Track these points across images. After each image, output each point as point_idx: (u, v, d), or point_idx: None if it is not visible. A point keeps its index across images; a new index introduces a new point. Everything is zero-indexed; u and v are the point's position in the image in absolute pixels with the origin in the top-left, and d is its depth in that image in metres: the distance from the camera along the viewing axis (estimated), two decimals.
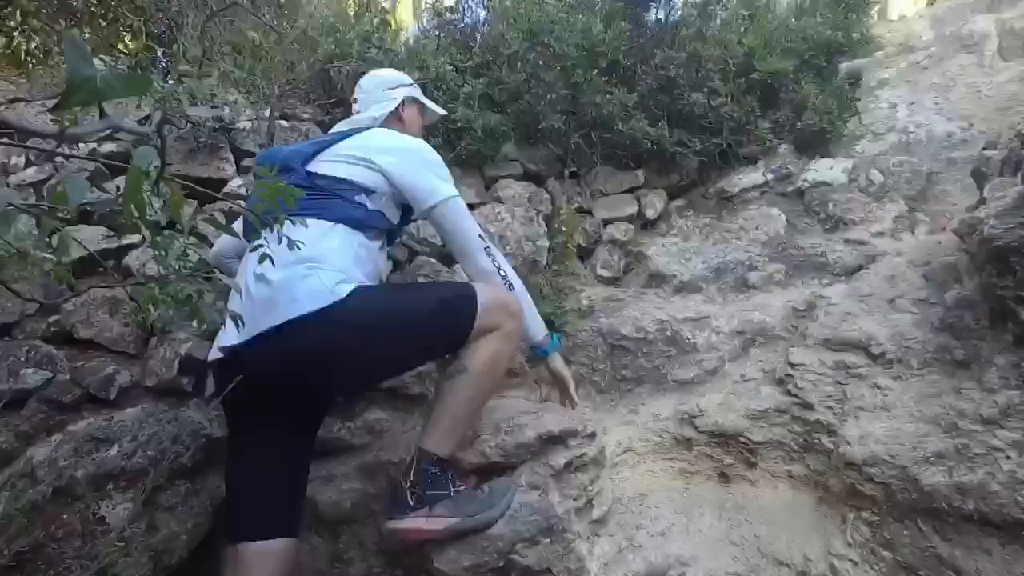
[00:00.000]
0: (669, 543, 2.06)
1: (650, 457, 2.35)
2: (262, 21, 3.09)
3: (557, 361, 2.08)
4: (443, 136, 3.09)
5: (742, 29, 3.24)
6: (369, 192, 1.80)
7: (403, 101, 2.12)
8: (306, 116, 3.16)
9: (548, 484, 1.96)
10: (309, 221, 1.55)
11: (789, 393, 2.06)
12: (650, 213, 3.26)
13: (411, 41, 3.73)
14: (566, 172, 3.24)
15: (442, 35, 3.58)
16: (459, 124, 3.04)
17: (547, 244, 3.04)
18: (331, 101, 3.26)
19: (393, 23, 4.18)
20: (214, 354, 1.70)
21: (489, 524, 1.74)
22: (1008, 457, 1.52)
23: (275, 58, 3.23)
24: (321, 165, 1.81)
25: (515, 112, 3.14)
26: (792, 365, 2.07)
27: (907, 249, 2.39)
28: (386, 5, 4.54)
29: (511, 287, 1.88)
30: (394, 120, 2.10)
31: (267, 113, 2.93)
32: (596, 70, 3.01)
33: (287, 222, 1.20)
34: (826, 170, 2.91)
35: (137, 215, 0.93)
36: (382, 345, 1.66)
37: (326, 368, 1.65)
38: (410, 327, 1.70)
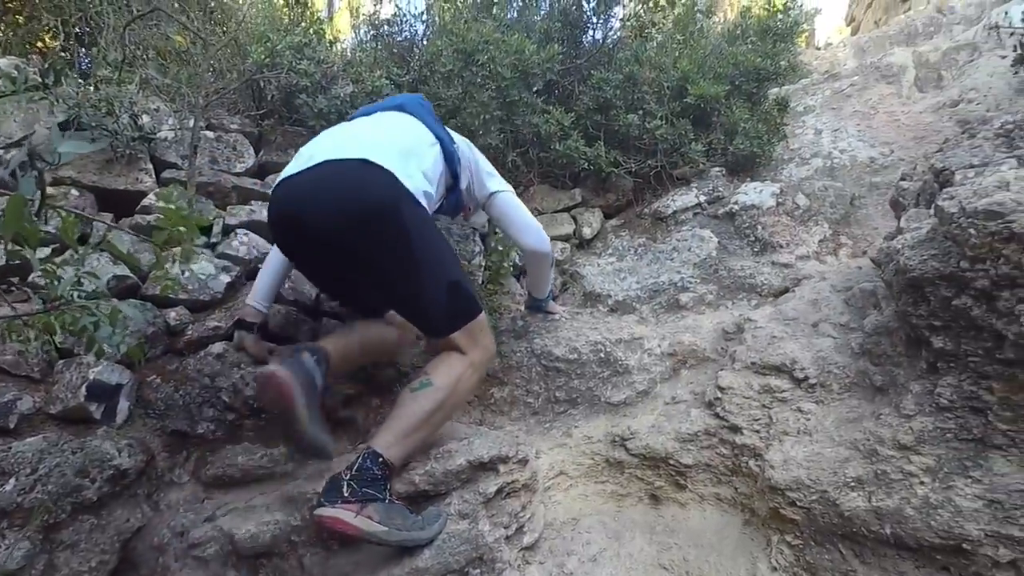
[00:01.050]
0: (600, 569, 2.04)
1: (582, 480, 2.33)
2: (187, 27, 2.95)
3: (551, 305, 2.72)
4: None
5: (676, 53, 3.30)
6: (457, 146, 2.17)
7: None
8: (234, 127, 3.04)
9: (478, 512, 1.92)
10: (415, 120, 2.07)
11: (717, 416, 2.08)
12: (587, 232, 3.27)
13: (348, 53, 3.66)
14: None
15: (379, 48, 3.52)
16: None
17: (482, 263, 3.01)
18: (261, 112, 3.16)
19: (330, 32, 4.10)
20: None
21: (416, 544, 1.73)
22: (922, 483, 1.56)
23: (202, 65, 3.11)
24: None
25: (452, 128, 3.10)
26: (720, 388, 2.09)
27: (830, 273, 2.46)
28: (324, 14, 4.47)
29: (553, 264, 2.49)
30: None
31: (191, 123, 2.81)
32: (533, 90, 3.01)
33: (403, 113, 2.09)
34: (755, 193, 2.98)
35: (20, 244, 0.85)
36: (401, 264, 1.81)
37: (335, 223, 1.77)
38: (428, 271, 1.84)
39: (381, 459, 1.75)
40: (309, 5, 4.10)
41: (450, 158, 2.10)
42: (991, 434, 1.50)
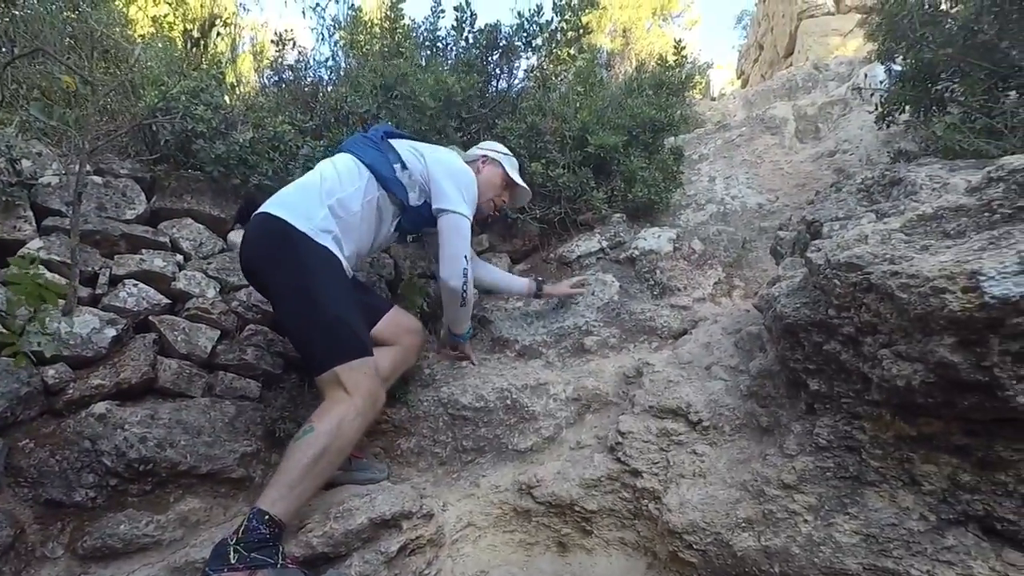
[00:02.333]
0: None
1: (491, 531, 2.31)
2: (72, 68, 2.82)
3: (465, 346, 2.74)
4: None
5: (578, 105, 3.42)
6: (404, 167, 2.34)
7: (484, 157, 2.69)
8: (124, 172, 2.90)
9: (379, 574, 1.86)
10: (351, 158, 2.32)
11: (619, 461, 2.11)
12: None
13: (249, 97, 3.60)
14: (409, 237, 3.21)
15: (282, 93, 3.47)
16: None
17: None
18: (154, 156, 3.03)
19: (232, 76, 4.02)
20: None
21: None
22: (806, 520, 1.63)
23: (90, 108, 2.96)
24: (396, 143, 2.42)
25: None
26: (621, 433, 2.13)
27: (723, 316, 2.57)
28: (228, 57, 4.38)
29: (463, 304, 2.46)
30: (475, 167, 2.62)
31: (77, 167, 2.66)
32: (454, 122, 3.06)
33: (342, 154, 2.36)
34: (654, 239, 3.10)
35: None
36: (287, 290, 2.05)
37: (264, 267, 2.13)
38: (308, 306, 2.01)
39: (267, 516, 1.71)
40: (209, 48, 4.02)
41: (388, 185, 2.32)
42: (865, 471, 1.60)
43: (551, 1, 3.64)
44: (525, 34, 3.67)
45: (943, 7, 2.48)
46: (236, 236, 2.95)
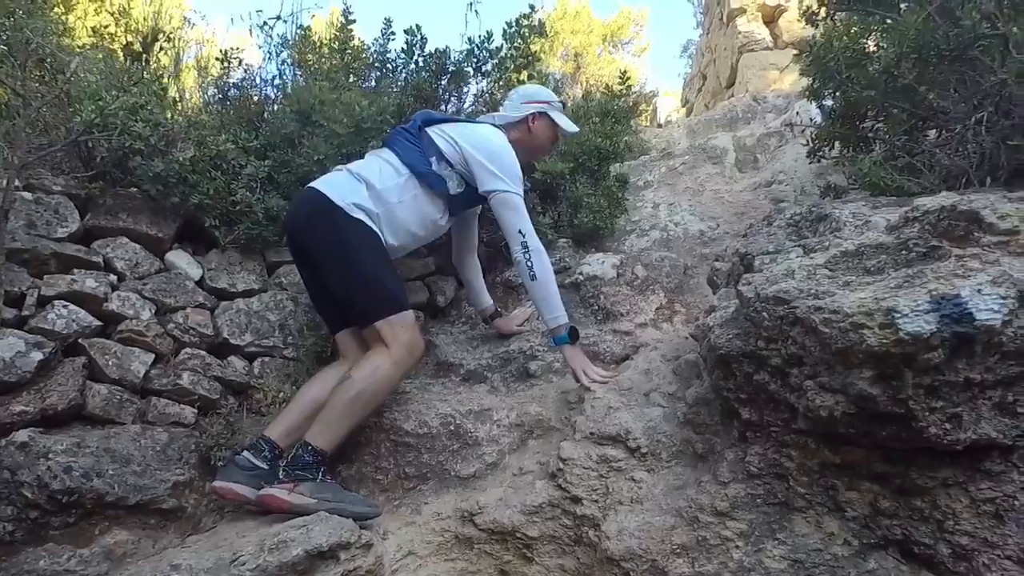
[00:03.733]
0: None
1: (432, 559, 2.28)
2: (1, 80, 2.72)
3: (565, 353, 2.49)
4: (221, 218, 2.91)
5: None
6: (440, 159, 2.45)
7: (534, 115, 2.68)
8: (57, 189, 2.80)
9: None
10: (393, 155, 2.48)
11: (560, 487, 2.12)
12: (440, 300, 3.29)
13: (192, 113, 3.52)
14: None
15: (226, 111, 3.42)
16: (239, 207, 2.89)
17: None
18: (90, 173, 2.93)
19: (174, 90, 3.93)
20: None
21: (341, 514, 2.05)
22: (737, 547, 1.67)
23: (21, 121, 2.85)
24: (433, 131, 2.52)
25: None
26: (562, 459, 2.14)
27: (663, 342, 2.63)
28: (171, 71, 4.28)
29: (533, 277, 2.39)
30: (524, 127, 2.69)
31: (5, 183, 2.56)
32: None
33: (386, 149, 2.54)
34: (598, 264, 3.16)
35: None
36: (328, 258, 2.32)
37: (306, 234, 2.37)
38: (347, 268, 2.29)
39: (311, 447, 2.14)
40: (152, 62, 3.93)
41: (427, 180, 2.45)
42: (792, 498, 1.65)
43: (501, 28, 3.70)
44: (475, 59, 3.71)
45: (869, 48, 2.62)
46: (174, 256, 2.88)
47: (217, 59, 3.50)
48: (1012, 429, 1.36)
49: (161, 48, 4.10)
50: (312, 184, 2.42)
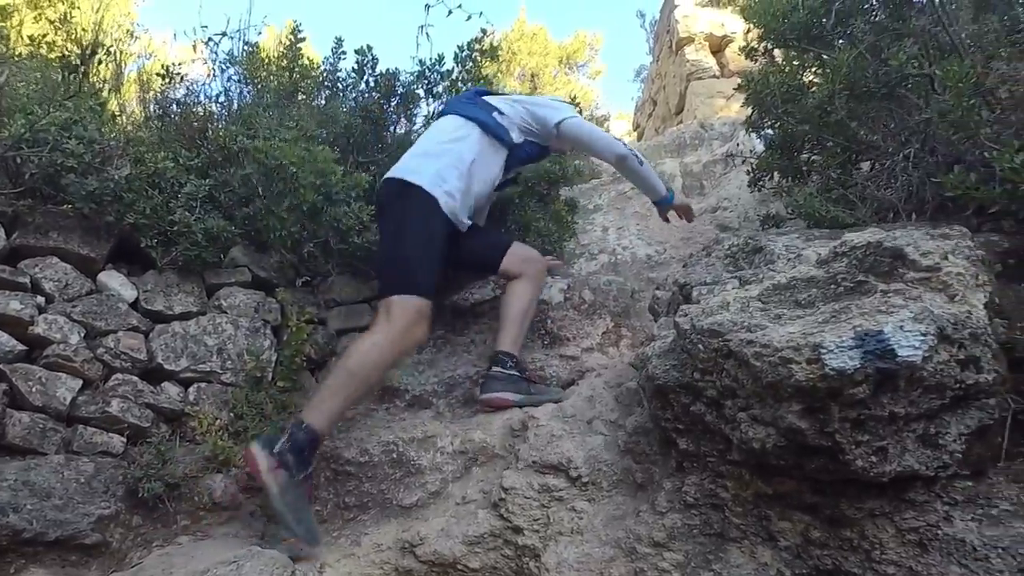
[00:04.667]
0: None
1: None
2: None
3: (678, 200, 2.99)
4: (158, 238, 2.82)
5: None
6: (502, 113, 2.73)
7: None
8: None
9: None
10: (456, 116, 2.75)
11: (502, 517, 2.10)
12: None
13: (131, 129, 3.42)
14: (299, 281, 3.13)
15: (167, 128, 3.33)
16: (177, 227, 2.80)
17: (274, 358, 2.87)
18: (18, 190, 2.81)
19: (114, 104, 3.81)
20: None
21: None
22: None
23: None
24: (489, 98, 2.84)
25: (244, 217, 2.98)
26: (504, 489, 2.12)
27: (607, 368, 2.64)
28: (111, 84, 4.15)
29: (641, 163, 2.77)
30: None
31: None
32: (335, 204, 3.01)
33: (450, 117, 2.77)
34: (545, 288, 3.16)
35: None
36: (387, 235, 2.65)
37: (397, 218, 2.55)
38: (393, 244, 2.56)
39: (304, 424, 2.22)
40: (90, 75, 3.81)
41: (492, 130, 2.69)
42: (728, 528, 1.66)
43: (453, 52, 3.71)
44: (426, 81, 3.71)
45: (806, 83, 2.71)
46: (107, 277, 2.77)
47: (158, 74, 3.41)
48: (934, 461, 1.40)
49: (101, 61, 3.99)
50: (398, 174, 2.61)
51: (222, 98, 3.55)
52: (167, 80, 3.36)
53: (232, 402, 2.72)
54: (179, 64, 3.45)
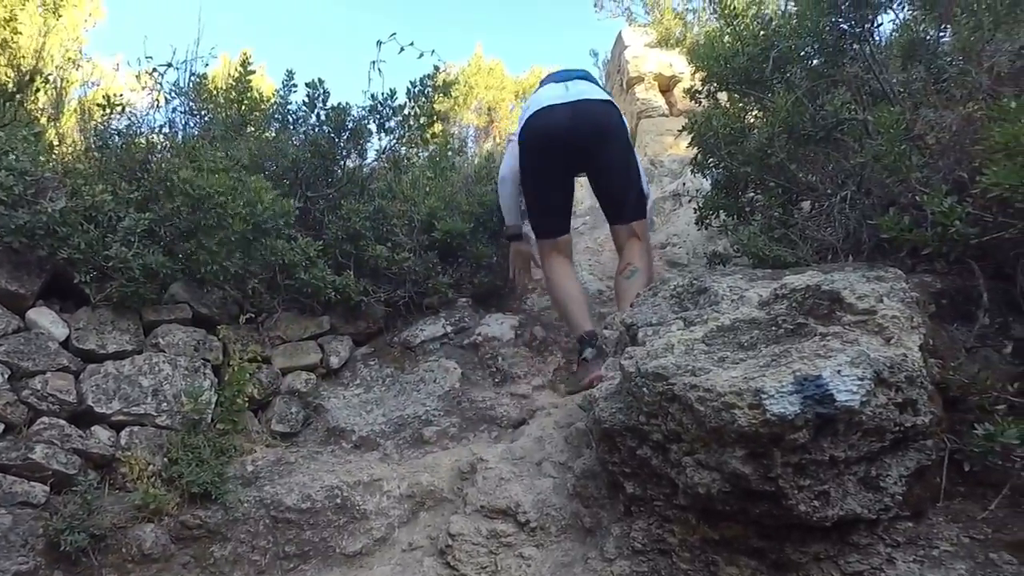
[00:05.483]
0: None
1: None
2: None
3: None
4: (93, 273, 2.69)
5: (427, 189, 3.46)
6: None
7: None
8: None
9: None
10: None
11: (448, 565, 2.04)
12: (334, 361, 3.16)
13: (69, 160, 3.30)
14: (243, 317, 3.03)
15: (107, 159, 3.21)
16: (112, 262, 2.68)
17: (214, 399, 2.75)
18: None
19: (52, 134, 3.68)
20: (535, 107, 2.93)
21: None
22: None
23: None
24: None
25: (185, 252, 2.88)
26: (451, 535, 2.06)
27: (557, 408, 2.62)
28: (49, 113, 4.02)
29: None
30: None
31: None
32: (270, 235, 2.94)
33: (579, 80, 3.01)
34: (497, 325, 3.14)
35: None
36: (619, 161, 2.98)
37: (592, 134, 2.86)
38: (633, 173, 3.05)
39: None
40: (27, 103, 3.68)
41: None
42: (676, 574, 1.64)
43: (405, 87, 3.71)
44: (379, 116, 3.69)
45: (748, 124, 2.78)
46: (36, 315, 2.63)
47: (99, 104, 3.30)
48: (875, 504, 1.41)
49: (39, 88, 3.86)
50: (600, 98, 2.94)
51: (166, 129, 3.46)
52: (108, 110, 3.25)
53: (167, 446, 2.59)
54: (120, 95, 3.35)
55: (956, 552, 1.43)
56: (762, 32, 2.66)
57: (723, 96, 2.87)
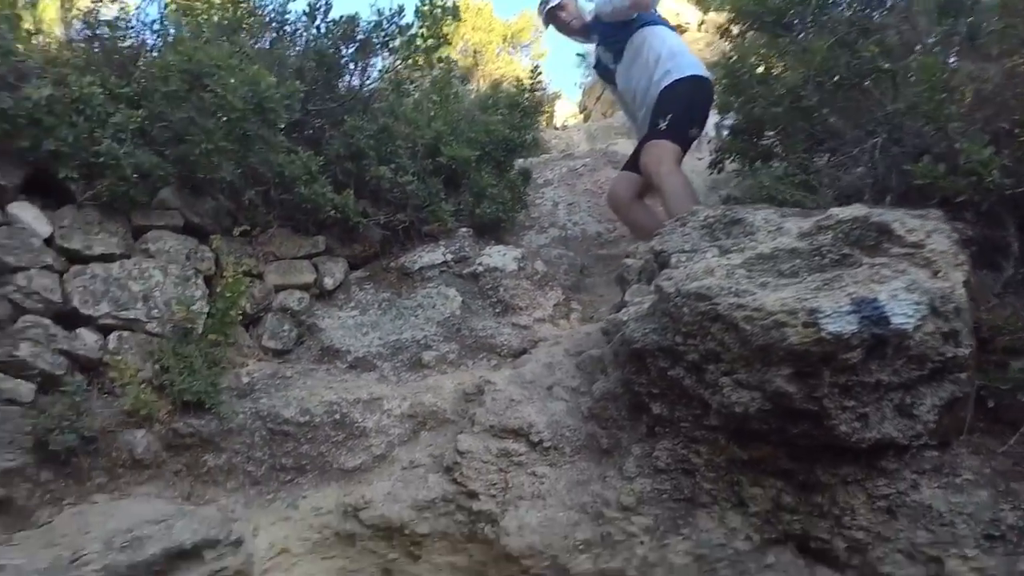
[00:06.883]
0: None
1: (308, 558, 2.11)
2: None
3: None
4: (80, 170, 2.53)
5: (432, 113, 3.35)
6: None
7: None
8: None
9: None
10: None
11: (455, 481, 2.02)
12: (328, 283, 3.07)
13: (51, 49, 3.07)
14: (237, 230, 2.90)
15: (95, 51, 3.00)
16: (103, 159, 2.52)
17: (205, 309, 2.65)
18: None
19: (30, 22, 3.42)
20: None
21: None
22: (642, 542, 1.65)
23: None
24: None
25: (178, 155, 2.72)
26: (460, 452, 2.04)
27: (564, 337, 2.60)
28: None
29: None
30: None
31: None
32: (277, 127, 2.78)
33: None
34: (499, 256, 3.09)
35: None
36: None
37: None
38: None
39: None
40: None
41: None
42: (698, 493, 1.66)
43: (414, 5, 3.55)
44: (384, 33, 3.52)
45: (775, 71, 2.74)
46: (18, 209, 2.46)
47: None
48: (908, 430, 1.43)
49: None
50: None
51: (156, 26, 3.24)
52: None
53: (157, 354, 2.49)
54: None
55: (977, 481, 1.47)
56: None
57: (751, 37, 2.82)
